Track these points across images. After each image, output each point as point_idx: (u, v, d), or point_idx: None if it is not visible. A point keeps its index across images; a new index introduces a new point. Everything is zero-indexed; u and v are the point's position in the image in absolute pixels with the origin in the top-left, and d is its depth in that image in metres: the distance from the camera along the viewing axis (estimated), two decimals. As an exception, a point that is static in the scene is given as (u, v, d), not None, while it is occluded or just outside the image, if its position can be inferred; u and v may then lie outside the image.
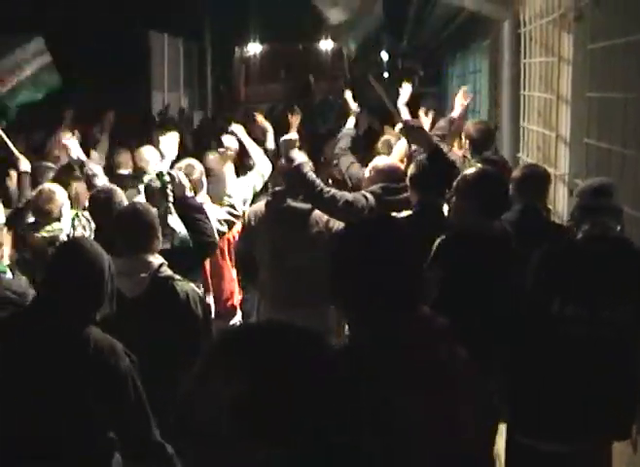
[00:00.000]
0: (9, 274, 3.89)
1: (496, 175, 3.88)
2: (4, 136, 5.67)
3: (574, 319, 3.18)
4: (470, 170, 3.91)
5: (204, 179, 5.41)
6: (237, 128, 6.41)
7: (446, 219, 4.27)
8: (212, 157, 6.38)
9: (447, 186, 4.15)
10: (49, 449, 2.85)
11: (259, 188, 5.95)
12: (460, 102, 6.22)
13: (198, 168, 5.42)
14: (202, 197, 5.24)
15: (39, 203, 4.81)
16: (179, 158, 5.52)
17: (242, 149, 6.64)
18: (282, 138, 4.87)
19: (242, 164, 6.91)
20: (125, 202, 4.73)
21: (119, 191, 4.82)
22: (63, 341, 2.87)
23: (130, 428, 2.99)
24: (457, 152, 5.59)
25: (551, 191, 6.20)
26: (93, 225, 4.81)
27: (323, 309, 4.80)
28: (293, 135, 4.89)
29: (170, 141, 5.29)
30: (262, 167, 6.03)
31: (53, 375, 2.84)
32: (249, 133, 6.58)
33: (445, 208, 4.48)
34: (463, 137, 5.93)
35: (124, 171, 6.66)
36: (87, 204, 4.94)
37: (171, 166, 5.07)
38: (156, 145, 6.28)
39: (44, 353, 2.85)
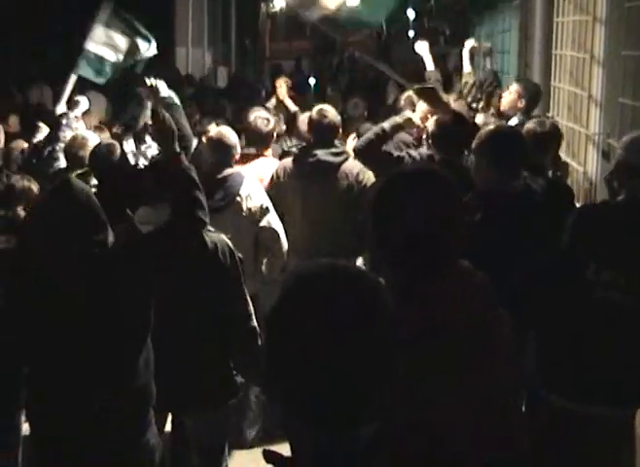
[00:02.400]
0: None
1: (511, 131, 3.81)
2: None
3: (610, 285, 3.03)
4: (486, 128, 3.86)
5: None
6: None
7: (469, 178, 4.21)
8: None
9: (468, 144, 4.10)
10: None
11: None
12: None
13: (272, 121, 5.39)
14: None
15: (72, 150, 4.90)
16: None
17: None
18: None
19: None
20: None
21: (117, 145, 4.86)
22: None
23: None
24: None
25: (580, 151, 6.14)
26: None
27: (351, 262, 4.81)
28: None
29: None
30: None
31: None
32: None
33: None
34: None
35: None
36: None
37: None
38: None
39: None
